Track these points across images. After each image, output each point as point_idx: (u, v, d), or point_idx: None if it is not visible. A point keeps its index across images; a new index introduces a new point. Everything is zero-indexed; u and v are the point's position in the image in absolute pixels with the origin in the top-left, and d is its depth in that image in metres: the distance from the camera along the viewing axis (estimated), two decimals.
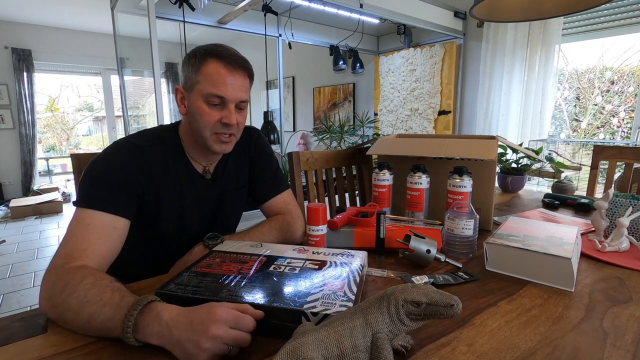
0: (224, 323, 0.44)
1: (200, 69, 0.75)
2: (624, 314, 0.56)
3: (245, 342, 0.46)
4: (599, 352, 0.46)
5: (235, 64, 0.76)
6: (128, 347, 0.47)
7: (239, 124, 0.79)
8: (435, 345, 0.48)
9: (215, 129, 0.78)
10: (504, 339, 0.49)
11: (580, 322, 0.53)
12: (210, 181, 0.87)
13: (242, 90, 0.78)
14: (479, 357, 0.46)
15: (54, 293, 0.55)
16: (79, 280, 0.54)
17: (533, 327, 0.52)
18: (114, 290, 0.52)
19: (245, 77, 0.79)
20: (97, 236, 0.65)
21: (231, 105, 0.77)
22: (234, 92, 0.76)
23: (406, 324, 0.42)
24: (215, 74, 0.75)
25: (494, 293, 0.63)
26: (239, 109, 0.79)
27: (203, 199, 0.86)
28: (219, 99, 0.75)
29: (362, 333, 0.41)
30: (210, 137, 0.79)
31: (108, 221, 0.67)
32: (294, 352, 0.38)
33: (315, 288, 0.54)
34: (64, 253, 0.61)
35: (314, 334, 0.40)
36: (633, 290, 0.63)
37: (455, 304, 0.41)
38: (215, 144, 0.79)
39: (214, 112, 0.76)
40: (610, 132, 2.81)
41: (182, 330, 0.44)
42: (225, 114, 0.77)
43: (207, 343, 0.43)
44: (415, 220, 0.91)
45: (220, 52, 0.76)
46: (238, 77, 0.77)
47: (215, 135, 0.79)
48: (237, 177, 0.92)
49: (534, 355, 0.46)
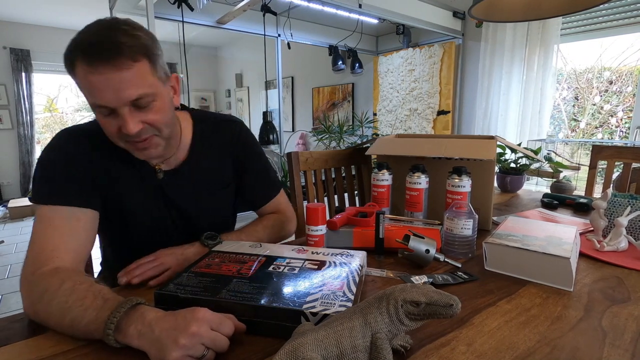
0: (205, 322, 0.45)
1: (75, 73, 0.59)
2: (623, 313, 0.56)
3: (223, 346, 0.45)
4: (597, 351, 0.47)
5: (101, 58, 0.56)
6: (127, 347, 0.47)
7: (152, 124, 0.64)
8: (435, 345, 0.48)
9: (124, 138, 0.65)
10: (503, 338, 0.49)
11: (579, 322, 0.53)
12: (167, 180, 0.77)
13: (128, 86, 0.59)
14: (478, 357, 0.46)
15: (33, 301, 0.54)
16: (57, 286, 0.53)
17: (532, 327, 0.52)
18: (96, 295, 0.51)
19: (127, 66, 0.58)
20: (62, 233, 0.62)
21: (122, 110, 0.60)
22: (114, 94, 0.58)
23: (405, 323, 0.42)
24: (84, 80, 0.58)
25: (493, 293, 0.63)
26: (139, 107, 0.62)
27: (155, 197, 0.77)
28: (105, 108, 0.61)
29: (362, 333, 0.41)
30: (127, 146, 0.67)
31: (69, 215, 0.63)
32: (293, 352, 0.38)
33: (315, 288, 0.54)
34: (32, 257, 0.59)
35: (313, 334, 0.40)
36: (632, 289, 0.63)
37: (454, 303, 0.41)
38: (135, 152, 0.68)
39: (111, 121, 0.63)
40: (609, 132, 2.82)
41: (164, 328, 0.44)
42: (120, 122, 0.62)
43: (185, 339, 0.42)
44: (414, 220, 0.91)
45: (85, 44, 0.57)
46: (113, 73, 0.57)
47: (129, 144, 0.66)
48: (217, 177, 0.84)
49: (533, 355, 0.46)
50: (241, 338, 0.49)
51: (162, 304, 0.52)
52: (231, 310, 0.50)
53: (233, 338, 0.47)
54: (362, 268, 0.65)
